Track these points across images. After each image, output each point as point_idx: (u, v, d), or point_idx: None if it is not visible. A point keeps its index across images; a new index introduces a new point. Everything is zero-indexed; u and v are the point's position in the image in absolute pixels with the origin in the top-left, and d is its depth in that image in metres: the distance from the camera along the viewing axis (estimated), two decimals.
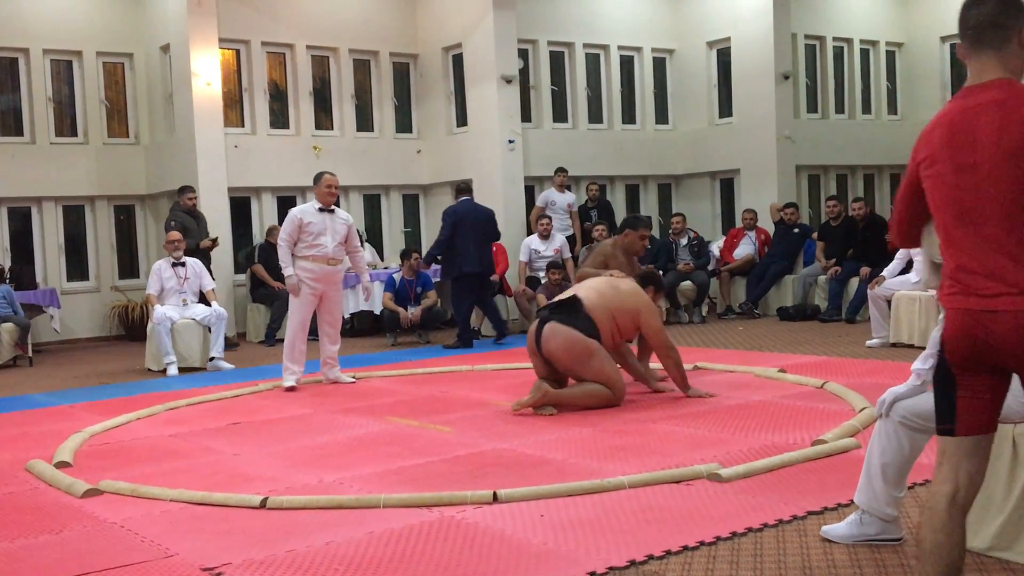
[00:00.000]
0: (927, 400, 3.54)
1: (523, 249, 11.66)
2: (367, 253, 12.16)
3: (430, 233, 13.39)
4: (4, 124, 12.43)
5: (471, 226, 10.33)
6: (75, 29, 12.61)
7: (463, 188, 10.82)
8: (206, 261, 10.46)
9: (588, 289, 6.73)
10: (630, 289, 6.82)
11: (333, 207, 8.20)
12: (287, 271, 8.01)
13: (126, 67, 13.08)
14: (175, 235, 9.98)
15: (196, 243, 10.77)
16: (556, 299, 6.83)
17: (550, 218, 11.86)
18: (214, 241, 11.00)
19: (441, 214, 10.83)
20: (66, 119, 12.83)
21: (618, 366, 6.73)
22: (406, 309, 10.76)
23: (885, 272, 9.32)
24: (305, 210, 8.13)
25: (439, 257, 10.71)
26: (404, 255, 11.13)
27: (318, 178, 8.26)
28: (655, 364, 7.20)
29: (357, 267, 8.53)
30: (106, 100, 12.95)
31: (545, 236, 11.62)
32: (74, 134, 12.83)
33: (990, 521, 3.47)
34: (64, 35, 12.55)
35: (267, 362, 9.57)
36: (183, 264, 9.82)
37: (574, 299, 6.60)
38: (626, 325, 6.71)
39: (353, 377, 8.32)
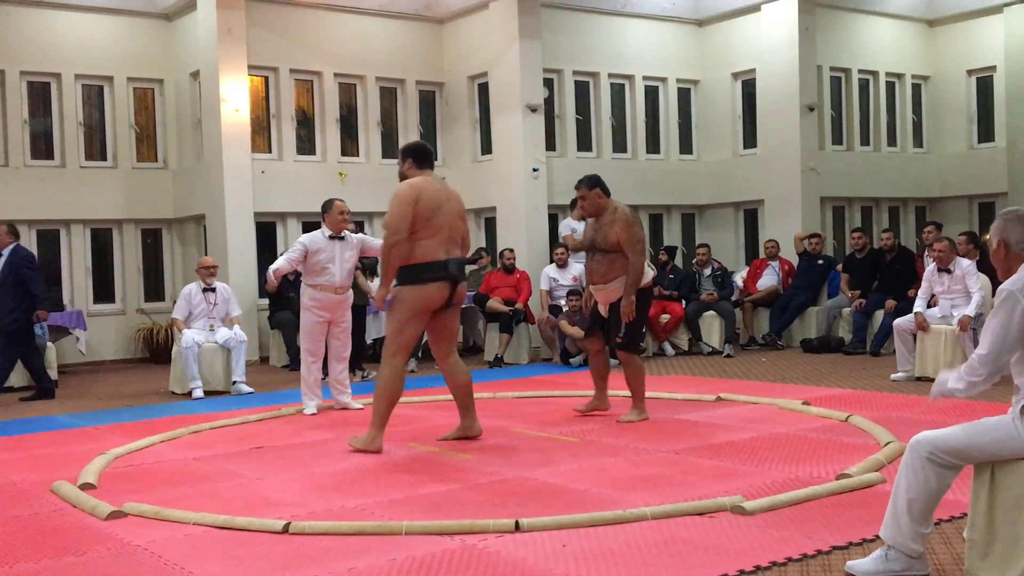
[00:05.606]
0: (954, 436, 3.53)
1: (543, 278, 11.65)
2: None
3: None
4: (35, 148, 12.59)
5: (15, 276, 9.56)
6: (106, 55, 12.79)
7: (14, 231, 9.80)
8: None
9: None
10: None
11: (344, 233, 8.14)
12: (272, 269, 8.15)
13: (156, 92, 13.25)
14: (208, 260, 10.04)
15: None
16: None
17: (566, 247, 11.81)
18: None
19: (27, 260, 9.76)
20: (96, 143, 12.99)
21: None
22: None
23: (917, 306, 9.00)
24: (314, 238, 8.03)
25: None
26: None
27: (328, 205, 8.14)
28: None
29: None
30: (136, 125, 13.11)
31: (562, 265, 11.60)
32: (103, 158, 12.98)
33: (1017, 560, 3.44)
34: (95, 61, 12.73)
35: (289, 387, 9.60)
36: (213, 290, 9.88)
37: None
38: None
39: (362, 405, 8.30)
